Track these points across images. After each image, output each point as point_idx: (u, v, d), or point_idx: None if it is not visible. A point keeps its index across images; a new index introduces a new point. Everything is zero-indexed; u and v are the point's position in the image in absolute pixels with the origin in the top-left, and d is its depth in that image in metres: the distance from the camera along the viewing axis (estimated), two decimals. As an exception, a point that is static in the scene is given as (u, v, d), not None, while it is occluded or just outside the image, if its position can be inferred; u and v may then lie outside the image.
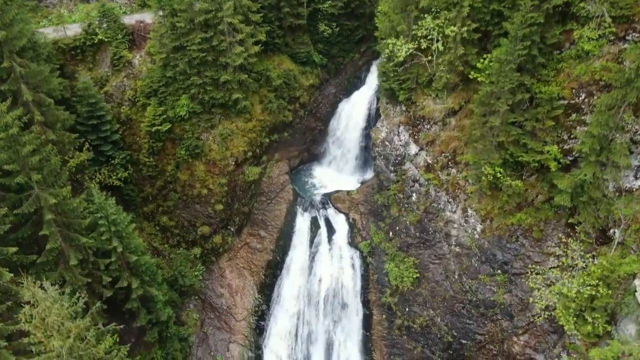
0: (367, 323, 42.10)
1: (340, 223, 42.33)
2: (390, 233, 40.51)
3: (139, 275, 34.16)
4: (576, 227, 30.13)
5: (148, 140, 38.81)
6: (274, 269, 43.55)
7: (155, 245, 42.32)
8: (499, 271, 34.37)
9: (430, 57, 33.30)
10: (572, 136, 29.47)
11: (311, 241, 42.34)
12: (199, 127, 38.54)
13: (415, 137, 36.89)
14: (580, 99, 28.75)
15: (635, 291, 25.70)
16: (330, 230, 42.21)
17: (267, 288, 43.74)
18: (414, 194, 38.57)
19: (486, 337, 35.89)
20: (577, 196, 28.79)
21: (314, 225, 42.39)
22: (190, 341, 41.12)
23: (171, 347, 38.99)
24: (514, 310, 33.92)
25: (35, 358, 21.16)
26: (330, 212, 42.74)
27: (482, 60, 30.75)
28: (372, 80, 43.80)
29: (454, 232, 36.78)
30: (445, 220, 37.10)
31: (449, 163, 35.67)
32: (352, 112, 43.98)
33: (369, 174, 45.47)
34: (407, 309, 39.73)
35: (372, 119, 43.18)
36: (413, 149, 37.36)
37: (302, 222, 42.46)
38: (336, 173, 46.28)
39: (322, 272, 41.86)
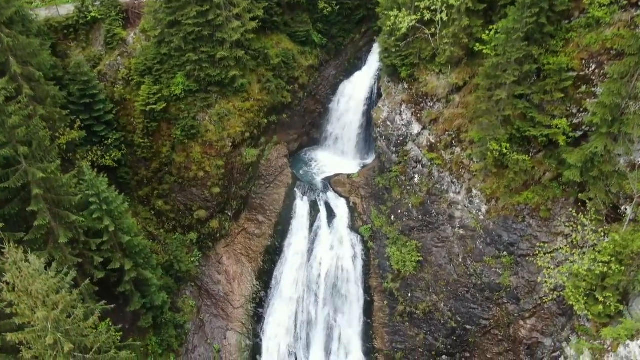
0: (368, 310, 40.95)
1: (340, 207, 41.18)
2: (392, 217, 39.39)
3: (132, 257, 33.04)
4: (586, 203, 28.97)
5: (142, 120, 37.68)
6: (273, 254, 42.41)
7: (151, 230, 41.18)
8: (504, 253, 33.21)
9: (433, 30, 32.17)
10: (581, 109, 28.31)
11: (310, 226, 41.19)
12: (195, 107, 37.41)
13: (418, 115, 35.75)
14: (590, 69, 27.59)
15: (650, 267, 24.62)
16: (330, 215, 41.06)
17: (266, 274, 42.61)
18: (416, 176, 37.44)
19: (491, 322, 34.75)
20: (588, 171, 27.61)
21: (314, 209, 41.24)
22: (186, 328, 40.00)
23: (166, 334, 37.89)
24: (520, 293, 32.77)
25: (19, 332, 19.98)
26: (331, 196, 41.60)
27: (487, 32, 29.61)
28: (373, 61, 42.66)
29: (457, 213, 35.65)
30: (448, 201, 35.96)
31: (453, 142, 34.51)
32: (353, 93, 42.84)
33: (370, 158, 44.36)
34: (409, 295, 38.59)
35: (374, 101, 42.04)
36: (415, 128, 36.22)
37: (302, 206, 41.30)
38: (336, 157, 45.13)
39: (322, 257, 40.72)
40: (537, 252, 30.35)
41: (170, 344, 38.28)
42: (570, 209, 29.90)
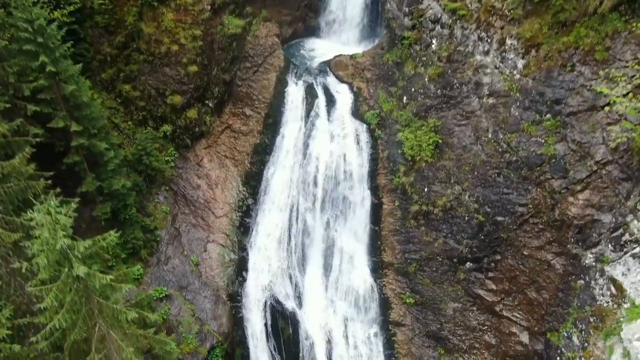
0: (375, 215, 34.24)
1: (341, 92, 34.56)
2: (404, 98, 32.72)
3: (81, 121, 26.45)
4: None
5: (101, -26, 31.22)
6: (262, 154, 35.74)
7: (117, 122, 34.61)
8: (547, 115, 26.54)
9: None
10: None
11: (306, 116, 34.54)
12: (165, -42, 30.99)
13: (437, -44, 29.19)
14: None
15: None
16: (330, 101, 34.42)
17: (254, 178, 35.94)
18: (433, 40, 30.80)
19: (530, 208, 27.98)
20: (668, -31, 21.03)
21: (310, 95, 34.57)
22: (156, 235, 33.36)
23: (131, 235, 31.27)
24: (568, 162, 26.01)
25: None
26: (330, 80, 34.98)
27: None
28: None
29: (486, 79, 28.99)
30: (474, 66, 29.32)
31: (481, -17, 27.94)
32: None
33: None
34: (425, 190, 31.86)
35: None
36: (434, -26, 29.66)
37: (296, 92, 34.69)
38: (338, 45, 38.41)
39: (320, 152, 34.02)
40: (599, 76, 23.55)
41: (136, 248, 31.67)
42: (635, 47, 23.27)
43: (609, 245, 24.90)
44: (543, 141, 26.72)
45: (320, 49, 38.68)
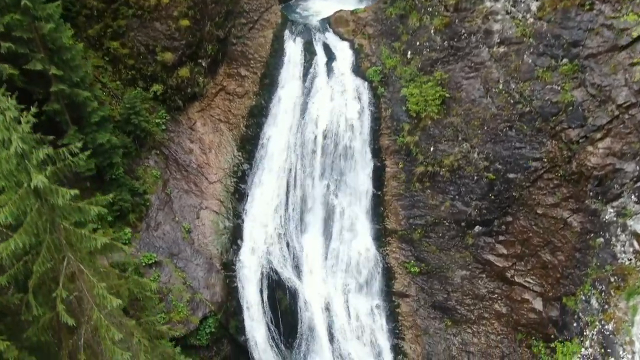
0: (378, 179, 32.34)
1: (342, 49, 32.65)
2: (409, 53, 30.82)
3: (61, 66, 24.59)
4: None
5: None
6: (258, 116, 33.87)
7: (104, 82, 32.75)
8: (564, 60, 24.64)
9: None
10: None
11: (304, 74, 32.67)
12: None
13: None
14: None
15: None
16: (330, 59, 32.52)
17: (249, 142, 34.08)
18: (440, -12, 28.92)
19: (544, 162, 26.07)
20: None
21: (309, 53, 32.69)
22: (146, 199, 31.49)
23: (118, 196, 29.36)
24: (587, 108, 24.12)
25: None
26: (330, 37, 33.10)
27: None
28: None
29: (496, 26, 27.09)
30: (484, 14, 27.42)
31: None
32: None
33: (379, 2, 35.68)
34: (431, 149, 29.96)
35: None
36: None
37: (293, 49, 32.79)
38: (339, 5, 36.41)
39: (320, 113, 32.15)
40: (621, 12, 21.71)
41: (124, 211, 29.81)
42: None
43: (632, 197, 23.00)
44: (559, 88, 24.83)
45: (319, 7, 36.73)
